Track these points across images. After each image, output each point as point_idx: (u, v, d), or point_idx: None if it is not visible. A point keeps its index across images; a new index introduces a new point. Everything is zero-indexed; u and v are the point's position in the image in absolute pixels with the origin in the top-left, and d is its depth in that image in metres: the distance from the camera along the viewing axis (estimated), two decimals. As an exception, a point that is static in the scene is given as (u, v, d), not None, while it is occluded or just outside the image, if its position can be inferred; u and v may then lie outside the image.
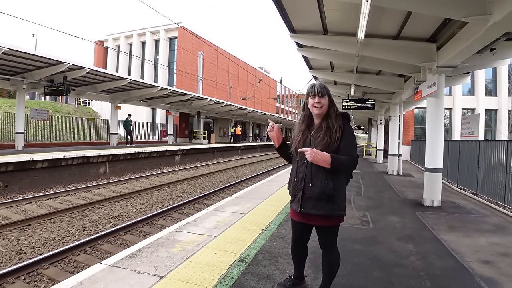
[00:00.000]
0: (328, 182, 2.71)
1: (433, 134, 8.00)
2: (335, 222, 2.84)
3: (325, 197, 2.71)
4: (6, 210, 8.72)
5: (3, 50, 11.52)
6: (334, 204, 2.73)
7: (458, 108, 24.33)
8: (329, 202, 2.72)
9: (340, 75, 13.86)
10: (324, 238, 2.93)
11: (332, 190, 2.70)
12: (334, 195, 2.72)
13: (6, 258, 5.85)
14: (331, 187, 2.70)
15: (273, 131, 3.02)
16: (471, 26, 5.88)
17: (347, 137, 2.77)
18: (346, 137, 2.77)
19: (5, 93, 29.59)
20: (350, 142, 2.77)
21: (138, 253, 3.98)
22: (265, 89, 56.93)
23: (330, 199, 2.72)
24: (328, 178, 2.71)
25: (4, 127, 19.89)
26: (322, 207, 2.74)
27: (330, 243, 2.94)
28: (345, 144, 2.74)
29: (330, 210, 2.74)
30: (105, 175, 15.10)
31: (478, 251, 4.75)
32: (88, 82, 18.34)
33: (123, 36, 40.95)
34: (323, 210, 2.74)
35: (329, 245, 2.94)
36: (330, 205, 2.73)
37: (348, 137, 2.77)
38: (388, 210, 7.39)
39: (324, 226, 2.85)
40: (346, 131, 2.78)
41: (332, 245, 2.94)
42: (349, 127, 2.83)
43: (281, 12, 7.63)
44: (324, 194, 2.70)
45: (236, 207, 6.58)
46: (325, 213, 2.74)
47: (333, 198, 2.72)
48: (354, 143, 2.82)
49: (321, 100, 2.79)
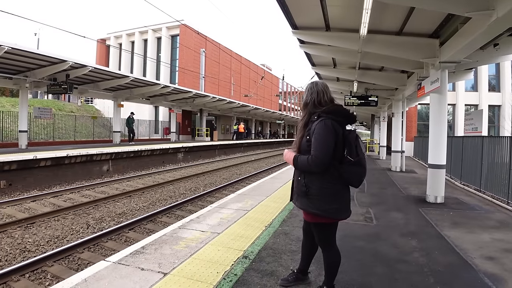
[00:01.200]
0: (301, 179, 2.83)
1: (436, 130, 7.98)
2: (316, 219, 2.85)
3: (299, 193, 2.85)
4: (10, 209, 8.76)
5: (6, 49, 11.54)
6: (308, 201, 2.79)
7: (461, 104, 24.19)
8: (304, 198, 2.81)
9: (342, 71, 13.83)
10: (315, 234, 3.01)
11: (304, 187, 2.78)
12: (306, 192, 2.77)
13: (10, 256, 5.88)
14: (303, 184, 2.80)
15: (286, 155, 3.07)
16: (474, 21, 5.85)
17: (315, 134, 2.70)
18: (314, 135, 2.71)
19: (8, 92, 29.65)
20: (316, 140, 2.69)
21: (142, 250, 3.99)
22: (267, 86, 56.84)
23: (304, 195, 2.80)
24: (302, 175, 2.83)
25: (8, 126, 19.94)
26: (299, 200, 2.88)
27: (320, 241, 2.97)
28: (312, 142, 2.72)
29: (305, 206, 2.82)
30: (109, 173, 15.14)
31: (481, 247, 4.74)
32: (90, 80, 18.36)
33: (125, 34, 40.93)
34: (300, 204, 2.88)
35: (321, 243, 2.98)
36: (305, 201, 2.81)
37: (315, 135, 2.70)
38: (391, 206, 7.38)
39: (311, 222, 2.96)
40: (316, 128, 2.72)
41: (324, 244, 2.96)
42: (320, 123, 2.72)
43: (283, 8, 7.61)
44: (299, 190, 2.85)
45: (239, 204, 6.59)
46: (301, 207, 2.88)
47: (307, 195, 2.78)
48: (321, 141, 2.68)
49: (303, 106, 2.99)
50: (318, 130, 2.69)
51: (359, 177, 2.78)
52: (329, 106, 2.83)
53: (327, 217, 2.77)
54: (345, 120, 2.81)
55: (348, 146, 2.74)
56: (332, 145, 2.67)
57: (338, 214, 2.78)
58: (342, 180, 2.76)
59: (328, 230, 2.91)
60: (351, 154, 2.72)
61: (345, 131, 2.78)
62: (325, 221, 2.82)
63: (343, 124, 2.80)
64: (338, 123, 2.75)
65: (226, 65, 44.39)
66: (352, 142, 2.74)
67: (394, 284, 3.45)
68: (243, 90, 47.14)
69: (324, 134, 2.67)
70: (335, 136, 2.69)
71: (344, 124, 2.80)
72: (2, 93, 29.80)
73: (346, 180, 2.77)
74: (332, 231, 2.93)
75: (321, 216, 2.78)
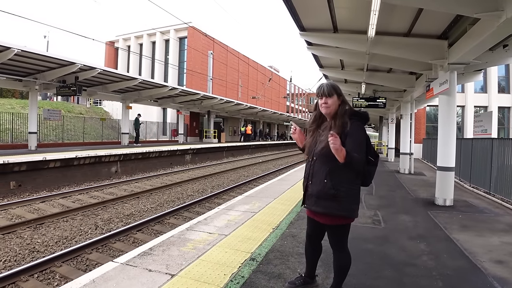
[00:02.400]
0: (327, 181, 2.71)
1: (445, 132, 7.92)
2: (338, 221, 2.81)
3: (323, 196, 2.73)
4: (20, 209, 8.85)
5: (16, 52, 11.68)
6: (335, 203, 2.71)
7: (470, 105, 23.98)
8: (329, 200, 2.72)
9: (350, 73, 13.79)
10: (330, 237, 2.96)
11: (331, 189, 2.69)
12: (335, 194, 2.68)
13: (19, 257, 5.94)
14: (330, 187, 2.69)
15: (295, 134, 3.10)
16: (483, 22, 5.81)
17: (353, 136, 2.69)
18: (352, 136, 2.68)
19: (17, 94, 29.98)
20: (355, 141, 2.68)
21: (150, 251, 4.01)
22: (275, 88, 56.86)
23: (329, 198, 2.71)
24: (328, 177, 2.71)
25: (17, 128, 20.17)
26: (322, 205, 2.77)
27: (336, 243, 2.94)
28: (350, 144, 2.65)
29: (330, 209, 2.74)
30: (117, 174, 15.24)
31: (491, 250, 4.69)
32: (99, 82, 18.52)
33: (133, 36, 41.22)
34: (322, 208, 2.77)
35: (336, 245, 2.94)
36: (330, 204, 2.72)
37: (353, 136, 2.69)
38: (400, 209, 7.34)
39: (329, 225, 2.87)
40: (352, 130, 2.70)
41: (339, 245, 2.94)
42: (357, 125, 2.75)
43: (291, 10, 7.61)
44: (323, 193, 2.73)
45: (246, 206, 6.59)
46: (324, 211, 2.77)
47: (333, 198, 2.69)
48: (360, 143, 2.71)
49: (327, 100, 2.81)
50: (355, 131, 2.72)
51: (373, 176, 2.89)
52: (351, 108, 2.87)
53: (352, 217, 2.81)
54: (366, 122, 2.89)
55: (369, 147, 2.82)
56: (365, 146, 2.76)
57: (357, 214, 2.83)
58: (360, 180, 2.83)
59: (346, 231, 2.93)
60: (372, 154, 2.82)
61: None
62: (347, 222, 2.85)
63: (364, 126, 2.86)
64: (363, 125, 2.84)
65: (234, 67, 44.50)
66: (370, 143, 2.83)
67: (402, 288, 3.43)
68: (251, 92, 47.18)
69: (361, 135, 2.75)
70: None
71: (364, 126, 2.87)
72: (12, 95, 30.15)
73: (362, 180, 2.84)
74: (348, 230, 2.95)
75: (346, 218, 2.79)
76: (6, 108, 22.31)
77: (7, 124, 19.76)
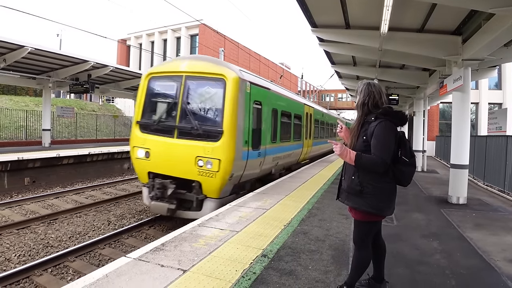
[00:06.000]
0: (354, 178, 2.81)
1: (459, 129, 7.81)
2: (362, 217, 2.88)
3: (351, 191, 2.84)
4: (34, 205, 8.99)
5: (29, 50, 11.82)
6: (361, 199, 2.79)
7: (484, 102, 23.60)
8: (357, 196, 2.82)
9: (362, 69, 13.69)
10: (354, 232, 3.06)
11: (358, 186, 2.77)
12: (362, 191, 2.76)
13: (34, 251, 6.05)
14: (357, 183, 2.78)
15: (341, 132, 3.15)
16: (498, 18, 5.72)
17: (376, 136, 2.73)
18: (376, 137, 2.73)
19: (31, 91, 30.34)
20: (378, 142, 2.72)
21: (162, 247, 4.04)
22: (286, 85, 56.42)
23: (357, 194, 2.80)
24: (356, 174, 2.81)
25: (31, 125, 20.44)
26: (351, 199, 2.88)
27: (357, 240, 3.00)
28: (374, 143, 2.73)
29: (357, 204, 2.83)
30: (129, 170, 15.36)
31: (505, 249, 4.63)
32: (111, 80, 18.64)
33: (145, 34, 41.38)
34: (352, 203, 2.89)
35: (357, 241, 3.01)
36: (358, 199, 2.82)
37: (377, 137, 2.73)
38: (413, 207, 7.27)
39: (355, 220, 2.98)
40: (377, 130, 2.74)
41: (359, 243, 2.99)
42: (382, 125, 2.75)
43: (302, 7, 7.57)
44: (351, 189, 2.84)
45: (258, 203, 6.59)
46: (352, 205, 2.89)
47: (360, 193, 2.78)
48: (384, 143, 2.73)
49: (357, 95, 2.97)
50: (380, 131, 2.74)
51: (410, 177, 2.88)
52: (385, 108, 2.87)
53: (379, 215, 2.86)
54: (399, 122, 2.87)
55: (403, 147, 2.83)
56: (393, 146, 2.78)
57: (387, 212, 2.87)
58: (394, 179, 2.83)
59: (371, 229, 2.96)
60: (406, 154, 2.81)
61: (399, 132, 2.86)
62: (374, 219, 2.91)
63: (397, 126, 2.85)
64: (394, 125, 2.82)
65: (245, 64, 44.41)
66: (407, 143, 2.85)
67: (415, 286, 3.42)
68: (262, 89, 46.98)
69: (386, 135, 2.75)
70: (395, 137, 2.79)
71: (398, 126, 2.86)
72: (26, 93, 30.54)
73: (397, 179, 2.84)
74: (373, 229, 2.98)
75: (373, 214, 2.83)
76: (20, 105, 22.61)
77: (21, 121, 20.05)
